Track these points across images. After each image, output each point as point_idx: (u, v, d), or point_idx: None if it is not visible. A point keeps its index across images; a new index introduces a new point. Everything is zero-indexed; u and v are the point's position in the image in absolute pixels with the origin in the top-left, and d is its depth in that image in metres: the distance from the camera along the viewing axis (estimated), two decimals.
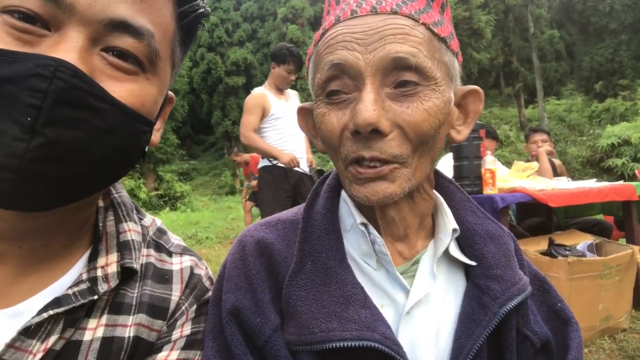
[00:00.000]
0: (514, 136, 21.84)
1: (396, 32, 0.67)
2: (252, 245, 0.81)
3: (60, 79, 0.53)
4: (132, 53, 0.62)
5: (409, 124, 0.68)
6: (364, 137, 0.68)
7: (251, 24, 36.75)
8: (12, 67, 0.52)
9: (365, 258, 0.80)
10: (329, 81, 0.72)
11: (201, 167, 35.64)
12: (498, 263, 0.79)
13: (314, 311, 0.72)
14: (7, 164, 0.52)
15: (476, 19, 22.07)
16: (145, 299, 0.74)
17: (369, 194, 0.71)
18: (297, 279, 0.76)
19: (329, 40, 0.72)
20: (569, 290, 2.86)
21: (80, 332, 0.66)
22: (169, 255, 0.84)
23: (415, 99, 0.68)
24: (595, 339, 3.08)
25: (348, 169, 0.73)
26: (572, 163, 17.00)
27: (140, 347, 0.72)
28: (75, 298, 0.64)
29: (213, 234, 9.95)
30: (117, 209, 0.79)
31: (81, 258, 0.72)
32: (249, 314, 0.74)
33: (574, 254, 3.03)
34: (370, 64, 0.67)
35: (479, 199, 2.98)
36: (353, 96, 0.70)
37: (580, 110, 24.41)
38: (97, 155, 0.59)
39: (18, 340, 0.59)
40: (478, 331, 0.73)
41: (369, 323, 0.70)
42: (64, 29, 0.57)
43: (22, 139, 0.52)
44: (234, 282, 0.78)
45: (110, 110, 0.59)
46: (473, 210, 0.88)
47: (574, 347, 0.81)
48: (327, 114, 0.73)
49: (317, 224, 0.81)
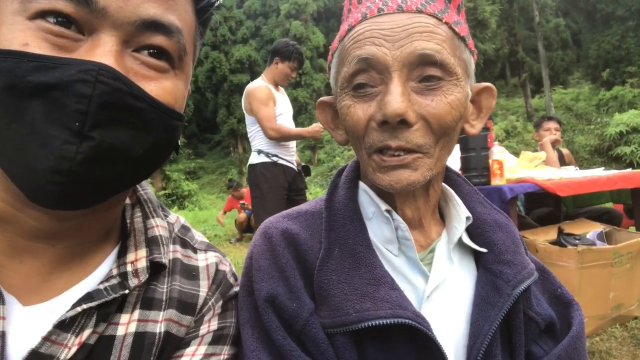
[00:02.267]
0: (520, 127, 21.70)
1: (422, 29, 0.71)
2: (278, 235, 0.83)
3: (102, 83, 0.54)
4: (164, 50, 0.63)
5: (433, 116, 0.72)
6: (391, 127, 0.71)
7: (254, 21, 36.76)
8: (55, 73, 0.53)
9: (387, 245, 0.84)
10: (356, 74, 0.75)
11: (208, 166, 35.78)
12: (507, 249, 0.84)
13: (347, 293, 0.75)
14: (59, 167, 0.53)
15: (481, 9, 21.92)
16: (175, 295, 0.76)
17: (393, 182, 0.74)
18: (327, 264, 0.79)
19: (356, 36, 0.75)
20: (579, 279, 2.85)
21: (114, 327, 0.68)
22: (194, 251, 0.86)
23: (439, 93, 0.72)
24: (606, 328, 3.07)
25: (372, 157, 0.76)
26: (580, 152, 16.89)
27: (171, 342, 0.73)
28: (107, 292, 0.66)
29: (221, 232, 10.02)
30: (144, 205, 0.81)
31: (110, 254, 0.74)
32: (285, 300, 0.77)
33: (584, 242, 3.01)
34: (397, 59, 0.71)
35: (486, 189, 2.96)
36: (379, 89, 0.74)
37: (587, 98, 24.22)
38: (139, 153, 0.61)
39: (54, 334, 0.61)
40: (494, 313, 0.77)
41: (400, 302, 0.74)
42: (97, 32, 0.58)
43: (72, 142, 0.53)
44: (265, 272, 0.80)
45: (148, 109, 0.61)
46: (480, 201, 0.93)
47: (575, 323, 0.86)
48: (352, 105, 0.76)
49: (340, 213, 0.85)
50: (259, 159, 3.86)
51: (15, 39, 0.54)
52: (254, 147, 3.93)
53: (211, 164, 36.40)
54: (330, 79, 0.86)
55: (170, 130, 0.66)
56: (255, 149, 3.92)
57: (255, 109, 3.73)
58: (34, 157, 0.54)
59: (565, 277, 2.89)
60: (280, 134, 3.70)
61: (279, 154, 3.83)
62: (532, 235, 3.25)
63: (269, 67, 3.92)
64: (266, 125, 3.68)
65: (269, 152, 3.83)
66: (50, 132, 0.53)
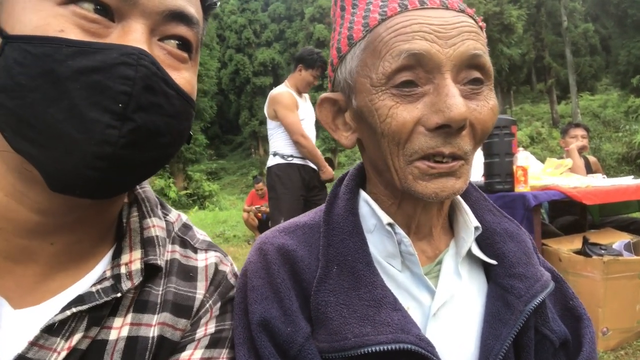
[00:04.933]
0: (546, 133, 21.34)
1: (470, 29, 0.68)
2: (274, 252, 0.79)
3: (143, 66, 0.55)
4: (188, 40, 0.65)
5: (479, 121, 0.69)
6: (446, 132, 0.66)
7: (279, 25, 37.06)
8: (97, 57, 0.54)
9: (390, 259, 0.78)
10: (400, 71, 0.67)
11: (229, 167, 36.17)
12: (519, 261, 0.79)
13: (346, 316, 0.71)
14: (102, 152, 0.53)
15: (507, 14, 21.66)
16: (169, 297, 0.73)
17: (439, 190, 0.69)
18: (325, 284, 0.74)
19: (400, 28, 0.67)
20: (604, 291, 2.78)
21: (106, 331, 0.66)
22: (194, 251, 0.83)
23: (481, 98, 0.69)
24: (632, 341, 2.98)
25: (415, 164, 0.70)
26: (607, 160, 16.50)
27: (165, 347, 0.70)
28: (99, 296, 0.64)
29: (240, 233, 10.08)
30: (141, 204, 0.79)
31: (106, 255, 0.72)
32: (279, 323, 0.73)
33: (610, 253, 2.94)
34: (450, 58, 0.66)
35: (510, 196, 2.92)
36: (425, 89, 0.68)
37: (615, 105, 23.68)
38: (167, 140, 0.62)
39: (41, 338, 0.59)
40: (505, 331, 0.72)
41: (402, 325, 0.69)
42: (127, 20, 0.58)
43: (115, 125, 0.53)
44: (260, 292, 0.76)
45: (176, 96, 0.62)
46: (490, 209, 0.87)
47: (586, 342, 0.80)
48: (395, 106, 0.68)
49: (339, 227, 0.79)
50: (274, 161, 3.97)
51: (50, 26, 0.54)
52: (271, 150, 4.04)
53: (232, 165, 36.76)
54: (343, 72, 0.77)
55: (189, 118, 0.68)
56: (271, 152, 4.02)
57: (281, 116, 3.83)
58: (73, 143, 0.53)
59: (590, 288, 2.82)
60: (307, 144, 3.81)
61: (295, 153, 3.91)
62: (556, 244, 3.19)
63: (293, 74, 4.03)
64: (295, 131, 3.78)
65: (284, 154, 3.92)
66: (92, 116, 0.53)
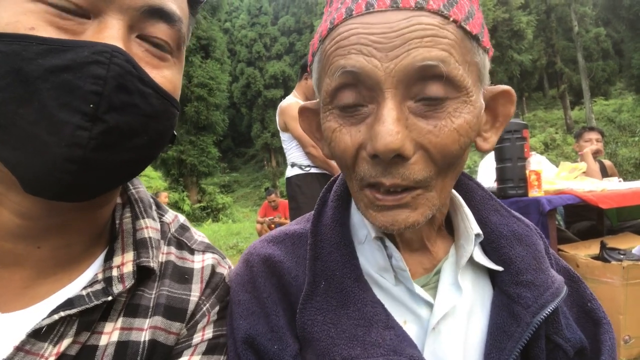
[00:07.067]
0: (560, 139, 21.10)
1: (423, 33, 0.56)
2: (260, 264, 0.76)
3: (116, 65, 0.53)
4: (166, 41, 0.63)
5: (435, 145, 0.59)
6: (384, 161, 0.59)
7: (288, 38, 37.51)
8: (67, 55, 0.51)
9: (382, 273, 0.73)
10: (341, 89, 0.61)
11: (242, 179, 36.41)
12: (528, 267, 0.72)
13: (333, 337, 0.66)
14: (72, 155, 0.51)
15: (516, 20, 21.58)
16: (162, 300, 0.70)
17: (388, 224, 0.63)
18: (311, 302, 0.69)
19: (340, 40, 0.60)
20: (624, 297, 2.71)
21: (97, 336, 0.63)
22: (190, 252, 0.80)
23: (443, 116, 0.58)
24: None
25: (364, 191, 0.64)
26: (625, 165, 16.25)
27: (158, 351, 0.68)
28: (89, 299, 0.62)
29: None
30: (134, 205, 0.76)
31: (98, 257, 0.70)
32: (265, 340, 0.69)
33: (629, 258, 2.87)
34: (391, 73, 0.56)
35: (524, 201, 2.87)
36: (370, 109, 0.60)
37: (631, 109, 23.34)
38: (144, 140, 0.59)
39: (28, 343, 0.57)
40: (510, 345, 0.67)
41: (395, 345, 0.64)
42: (104, 16, 0.56)
43: (85, 127, 0.51)
44: (245, 307, 0.72)
45: (154, 95, 0.59)
46: (496, 209, 0.80)
47: (606, 349, 0.73)
48: (338, 129, 0.63)
49: (327, 239, 0.74)
50: (292, 171, 3.98)
51: (20, 23, 0.52)
52: (289, 161, 4.05)
53: (245, 178, 36.99)
54: (313, 82, 0.72)
55: (171, 118, 0.65)
56: (289, 163, 4.04)
57: (292, 128, 3.85)
58: (42, 145, 0.51)
59: (609, 294, 2.76)
60: (317, 152, 3.79)
61: (312, 163, 3.91)
62: (572, 249, 3.14)
63: (300, 83, 4.05)
64: (305, 143, 3.78)
65: (302, 164, 3.94)
66: (61, 117, 0.51)
